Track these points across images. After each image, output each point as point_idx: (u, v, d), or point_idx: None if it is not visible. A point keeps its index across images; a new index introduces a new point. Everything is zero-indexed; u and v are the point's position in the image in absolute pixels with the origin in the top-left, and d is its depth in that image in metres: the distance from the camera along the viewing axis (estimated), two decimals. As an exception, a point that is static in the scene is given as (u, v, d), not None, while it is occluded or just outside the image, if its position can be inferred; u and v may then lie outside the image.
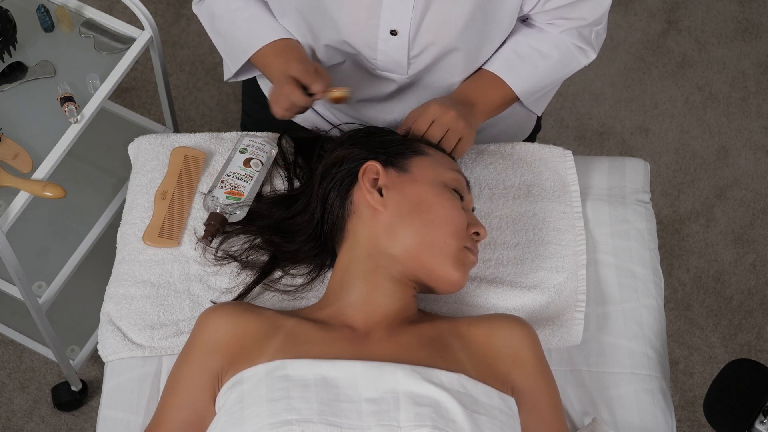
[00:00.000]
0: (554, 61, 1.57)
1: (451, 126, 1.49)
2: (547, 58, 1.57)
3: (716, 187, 2.62)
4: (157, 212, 1.55)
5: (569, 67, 1.60)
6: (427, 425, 1.23)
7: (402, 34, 1.49)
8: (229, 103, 2.65)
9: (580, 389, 1.51)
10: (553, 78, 1.60)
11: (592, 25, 1.56)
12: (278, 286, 1.49)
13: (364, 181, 1.41)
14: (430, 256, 1.38)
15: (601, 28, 1.58)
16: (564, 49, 1.57)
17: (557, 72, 1.60)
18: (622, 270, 1.60)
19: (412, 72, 1.56)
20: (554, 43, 1.57)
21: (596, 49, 1.60)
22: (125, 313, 1.49)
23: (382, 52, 1.52)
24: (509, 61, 1.56)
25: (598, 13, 1.54)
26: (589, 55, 1.60)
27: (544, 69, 1.57)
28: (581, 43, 1.57)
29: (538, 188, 1.61)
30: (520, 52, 1.56)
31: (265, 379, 1.27)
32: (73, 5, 1.85)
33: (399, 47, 1.50)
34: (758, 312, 2.47)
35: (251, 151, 1.55)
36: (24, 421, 2.26)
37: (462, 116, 1.49)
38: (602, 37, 1.60)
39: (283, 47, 1.55)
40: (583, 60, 1.60)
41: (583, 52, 1.59)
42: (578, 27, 1.55)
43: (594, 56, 1.60)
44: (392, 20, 1.47)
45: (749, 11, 2.87)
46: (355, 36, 1.50)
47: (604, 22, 1.58)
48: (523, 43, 1.57)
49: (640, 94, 2.74)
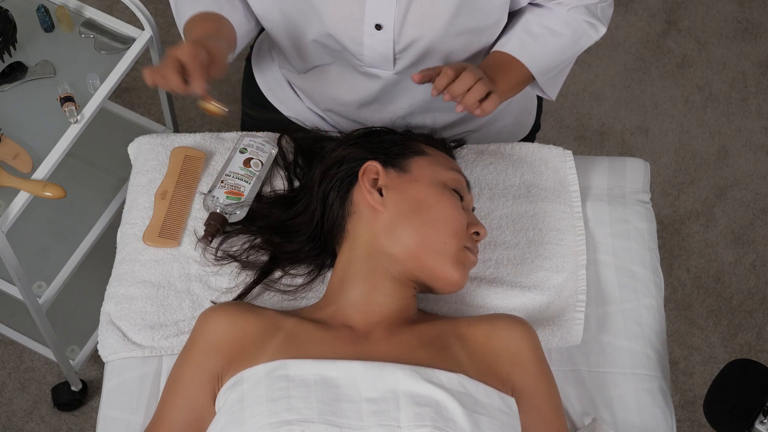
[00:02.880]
0: (566, 39, 1.56)
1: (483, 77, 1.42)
2: (559, 35, 1.55)
3: (716, 187, 2.62)
4: (157, 212, 1.55)
5: (580, 43, 1.58)
6: (427, 425, 1.23)
7: (387, 28, 1.48)
8: (229, 103, 2.65)
9: (580, 389, 1.51)
10: (566, 55, 1.59)
11: (599, 1, 1.55)
12: (278, 286, 1.49)
13: (364, 181, 1.41)
14: (430, 256, 1.38)
15: (606, 5, 1.57)
16: (574, 25, 1.56)
17: (570, 49, 1.58)
18: (622, 270, 1.60)
19: (399, 68, 1.55)
20: (564, 20, 1.55)
21: (605, 23, 1.58)
22: (125, 313, 1.49)
23: (368, 47, 1.51)
24: (522, 41, 1.54)
25: None
26: (599, 29, 1.58)
27: (556, 46, 1.56)
28: (591, 19, 1.56)
29: (538, 188, 1.61)
30: (531, 32, 1.55)
31: (265, 379, 1.27)
32: (73, 5, 1.85)
33: (384, 42, 1.50)
34: (758, 312, 2.47)
35: (251, 151, 1.55)
36: (24, 421, 2.26)
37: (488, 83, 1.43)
38: (608, 12, 1.58)
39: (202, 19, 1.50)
40: (593, 35, 1.58)
41: (593, 27, 1.57)
42: (586, 3, 1.54)
43: (604, 30, 1.58)
44: (376, 14, 1.47)
45: (749, 11, 2.87)
46: (340, 30, 1.50)
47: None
48: (533, 22, 1.55)
49: (640, 94, 2.74)
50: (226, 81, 2.65)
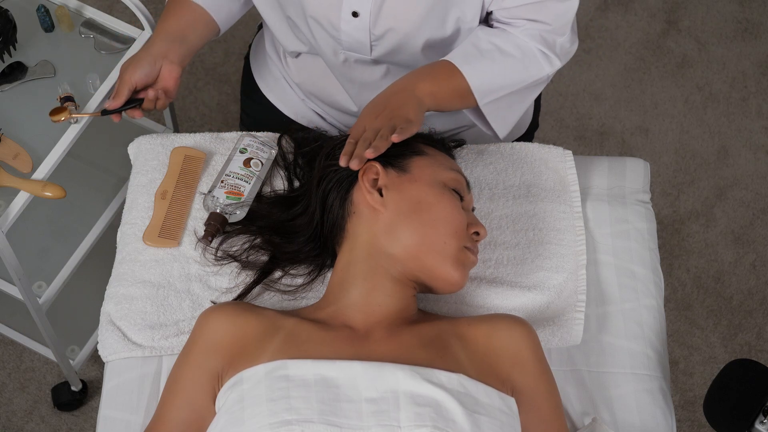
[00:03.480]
0: (514, 60, 1.51)
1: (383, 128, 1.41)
2: (507, 55, 1.50)
3: (716, 187, 2.62)
4: (157, 212, 1.55)
5: (530, 71, 1.52)
6: (427, 425, 1.23)
7: (363, 16, 1.49)
8: (229, 103, 2.65)
9: (580, 389, 1.51)
10: (513, 79, 1.53)
11: (555, 33, 1.50)
12: (278, 286, 1.49)
13: (364, 182, 1.41)
14: (430, 256, 1.38)
15: (565, 41, 1.52)
16: (526, 50, 1.51)
17: (517, 73, 1.52)
18: (622, 270, 1.60)
19: (376, 54, 1.56)
20: (516, 43, 1.51)
21: (562, 59, 1.53)
22: (125, 313, 1.49)
23: (345, 33, 1.52)
24: (467, 53, 1.51)
25: (560, 22, 1.49)
26: (553, 62, 1.52)
27: (502, 66, 1.51)
28: (545, 49, 1.51)
29: (538, 188, 1.61)
30: (479, 47, 1.51)
31: (265, 379, 1.27)
32: (73, 5, 1.85)
33: (361, 29, 1.51)
34: (758, 312, 2.47)
35: (251, 151, 1.55)
36: (24, 421, 2.26)
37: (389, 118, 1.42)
38: (567, 48, 1.53)
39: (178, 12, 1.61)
40: (546, 67, 1.52)
41: (547, 58, 1.52)
42: (541, 31, 1.50)
43: (559, 64, 1.53)
44: (354, 1, 1.48)
45: (749, 11, 2.87)
46: (318, 15, 1.52)
47: (569, 35, 1.52)
48: (483, 38, 1.51)
49: (640, 94, 2.74)
50: (226, 81, 2.65)
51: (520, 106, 1.58)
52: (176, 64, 1.58)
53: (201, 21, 1.62)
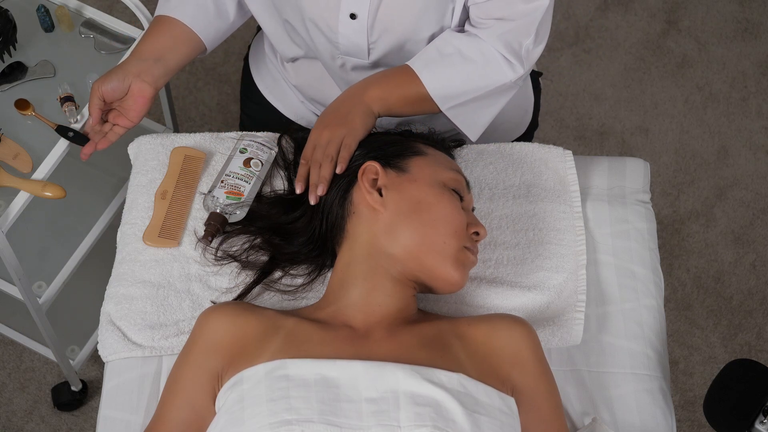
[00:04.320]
0: (475, 66, 1.50)
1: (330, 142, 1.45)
2: (468, 60, 1.50)
3: (716, 187, 2.62)
4: (157, 212, 1.55)
5: (492, 77, 1.51)
6: (427, 425, 1.23)
7: (361, 17, 1.49)
8: (229, 103, 2.65)
9: (580, 389, 1.51)
10: (474, 84, 1.52)
11: (521, 35, 1.49)
12: (278, 286, 1.49)
13: (364, 182, 1.41)
14: (429, 256, 1.38)
15: (530, 43, 1.50)
16: (489, 56, 1.50)
17: (478, 79, 1.51)
18: (622, 270, 1.60)
19: (374, 57, 1.56)
20: (480, 48, 1.50)
21: (525, 66, 1.52)
22: (125, 313, 1.49)
23: (343, 36, 1.52)
24: (428, 57, 1.51)
25: (527, 20, 1.48)
26: (516, 69, 1.51)
27: (462, 71, 1.50)
28: (509, 55, 1.50)
29: (538, 188, 1.61)
30: (441, 50, 1.51)
31: (265, 379, 1.27)
32: (73, 5, 1.85)
33: (358, 31, 1.51)
34: (758, 312, 2.47)
35: (251, 151, 1.55)
36: (24, 421, 2.26)
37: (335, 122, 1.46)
38: (532, 55, 1.52)
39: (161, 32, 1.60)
40: (509, 73, 1.51)
41: (510, 65, 1.50)
42: (506, 33, 1.49)
43: (522, 71, 1.51)
44: (352, 4, 1.48)
45: (749, 11, 2.87)
46: (317, 17, 1.52)
47: (534, 36, 1.50)
48: (447, 42, 1.51)
49: (640, 94, 2.74)
50: (226, 81, 2.65)
51: (489, 111, 1.57)
52: (149, 84, 1.56)
53: (183, 41, 1.60)
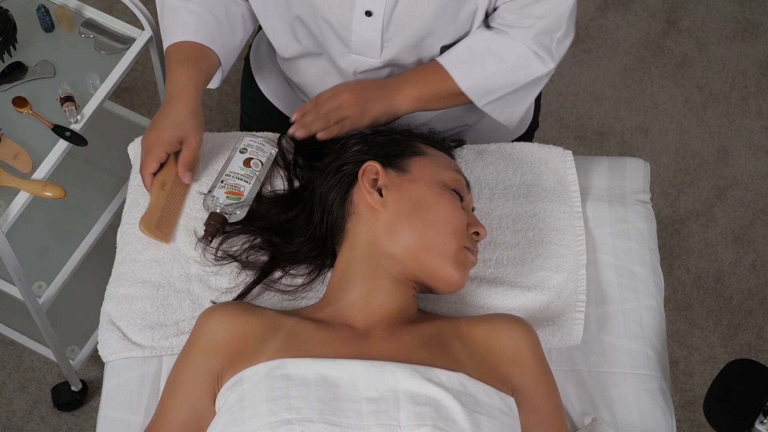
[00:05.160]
0: (506, 65, 1.54)
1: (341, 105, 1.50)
2: (500, 58, 1.53)
3: (716, 187, 2.62)
4: (155, 201, 1.53)
5: (524, 72, 1.55)
6: (427, 424, 1.23)
7: (377, 15, 1.49)
8: (229, 103, 2.65)
9: (580, 389, 1.51)
10: (506, 80, 1.56)
11: (552, 30, 1.52)
12: (278, 286, 1.49)
13: (364, 182, 1.41)
14: (429, 256, 1.38)
15: (561, 35, 1.53)
16: (520, 53, 1.53)
17: (510, 75, 1.55)
18: (622, 270, 1.60)
19: (386, 57, 1.56)
20: (510, 45, 1.53)
21: (555, 59, 1.55)
22: (125, 313, 1.49)
23: (357, 33, 1.52)
24: (459, 56, 1.54)
25: (555, 15, 1.50)
26: (547, 63, 1.55)
27: (493, 69, 1.54)
28: (539, 50, 1.53)
29: (538, 188, 1.61)
30: (472, 49, 1.54)
31: (265, 379, 1.27)
32: (73, 5, 1.85)
33: (373, 29, 1.51)
34: (758, 312, 2.47)
35: (251, 151, 1.55)
36: (24, 421, 2.26)
37: (362, 99, 1.51)
38: (563, 46, 1.55)
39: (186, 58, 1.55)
40: (540, 67, 1.55)
41: (541, 60, 1.54)
42: (537, 33, 1.51)
43: (552, 66, 1.55)
44: (367, 1, 1.48)
45: (749, 11, 2.87)
46: (330, 14, 1.51)
47: (565, 29, 1.53)
48: (479, 41, 1.54)
49: (640, 94, 2.74)
50: (226, 81, 2.65)
51: (524, 101, 1.62)
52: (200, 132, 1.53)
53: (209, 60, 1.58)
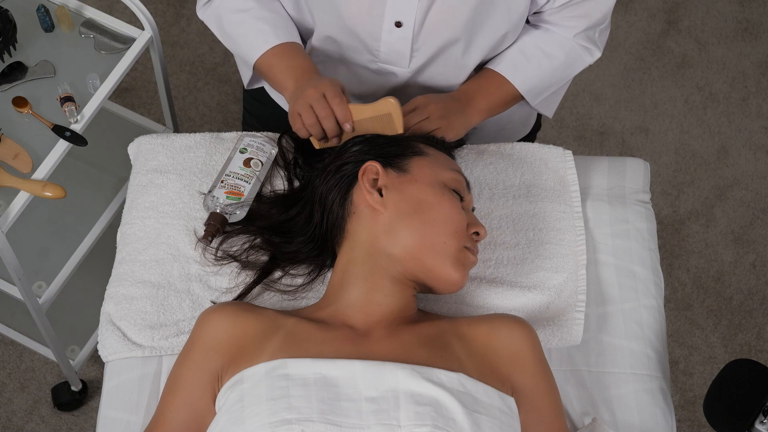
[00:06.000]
0: (559, 62, 1.60)
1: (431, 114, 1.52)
2: (552, 58, 1.59)
3: (716, 187, 2.62)
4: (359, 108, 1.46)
5: (574, 66, 1.62)
6: (427, 424, 1.23)
7: (407, 25, 1.48)
8: (229, 103, 2.65)
9: (580, 389, 1.51)
10: (559, 77, 1.62)
11: (597, 24, 1.58)
12: (278, 286, 1.49)
13: (364, 182, 1.41)
14: (429, 256, 1.38)
15: (604, 27, 1.61)
16: (569, 49, 1.59)
17: (562, 71, 1.62)
18: (622, 270, 1.60)
19: (414, 65, 1.56)
20: (559, 43, 1.59)
21: (601, 48, 1.63)
22: (125, 313, 1.49)
23: (386, 44, 1.52)
24: (514, 61, 1.58)
25: (602, 12, 1.56)
26: (594, 54, 1.62)
27: (548, 69, 1.60)
28: (587, 43, 1.60)
29: (538, 188, 1.61)
30: (525, 53, 1.58)
31: (265, 379, 1.27)
32: (73, 5, 1.85)
33: (403, 39, 1.50)
34: (758, 312, 2.47)
35: (251, 151, 1.55)
36: (24, 421, 2.26)
37: (446, 111, 1.52)
38: (605, 35, 1.63)
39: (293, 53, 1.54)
40: (588, 59, 1.62)
41: (588, 52, 1.62)
42: (584, 28, 1.57)
43: (599, 55, 1.63)
44: (397, 11, 1.47)
45: (749, 11, 2.87)
46: (358, 26, 1.50)
47: (608, 21, 1.60)
48: (529, 43, 1.59)
49: (640, 94, 2.74)
50: (226, 81, 2.65)
51: (564, 89, 1.70)
52: None
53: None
